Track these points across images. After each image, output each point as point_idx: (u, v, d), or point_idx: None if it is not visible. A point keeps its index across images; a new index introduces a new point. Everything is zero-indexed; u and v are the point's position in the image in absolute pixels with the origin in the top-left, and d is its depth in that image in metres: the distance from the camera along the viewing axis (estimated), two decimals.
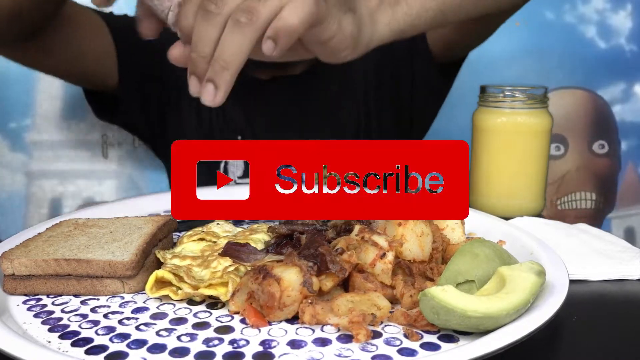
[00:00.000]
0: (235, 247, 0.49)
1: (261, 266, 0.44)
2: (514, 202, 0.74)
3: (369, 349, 0.39)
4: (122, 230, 0.54)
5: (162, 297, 0.47)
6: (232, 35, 0.45)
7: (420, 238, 0.47)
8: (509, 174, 0.73)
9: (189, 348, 0.39)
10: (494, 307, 0.38)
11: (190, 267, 0.49)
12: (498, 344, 0.36)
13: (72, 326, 0.43)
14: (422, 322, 0.41)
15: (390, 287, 0.45)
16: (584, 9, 1.20)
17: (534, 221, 0.67)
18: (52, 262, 0.47)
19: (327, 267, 0.44)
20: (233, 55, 0.45)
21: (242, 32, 0.45)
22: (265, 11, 0.45)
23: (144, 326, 0.43)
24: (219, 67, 0.45)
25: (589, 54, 1.21)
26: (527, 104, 0.72)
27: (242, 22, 0.44)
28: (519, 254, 0.51)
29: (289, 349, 0.39)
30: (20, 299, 0.48)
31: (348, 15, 0.52)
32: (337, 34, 0.52)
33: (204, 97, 0.46)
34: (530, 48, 1.19)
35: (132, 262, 0.47)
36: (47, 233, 0.54)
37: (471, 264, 0.44)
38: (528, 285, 0.41)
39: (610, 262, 0.55)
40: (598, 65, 1.21)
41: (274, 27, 0.45)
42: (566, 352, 0.43)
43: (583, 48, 1.21)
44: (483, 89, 0.75)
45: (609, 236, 0.63)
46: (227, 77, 0.45)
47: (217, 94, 0.46)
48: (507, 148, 0.73)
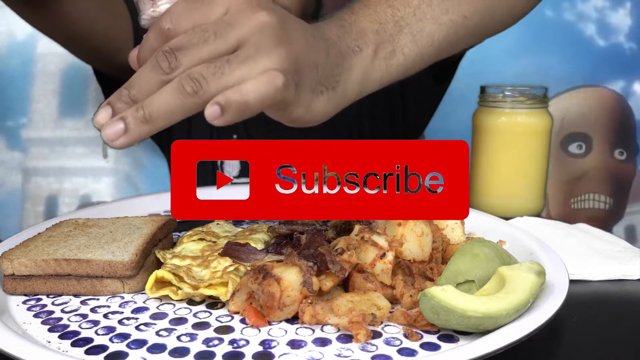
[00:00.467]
0: (235, 247, 0.50)
1: (261, 266, 0.44)
2: (514, 202, 0.74)
3: (369, 349, 0.39)
4: (122, 230, 0.54)
5: (162, 297, 0.47)
6: (169, 97, 0.40)
7: (420, 238, 0.47)
8: (509, 174, 0.73)
9: (189, 348, 0.39)
10: (494, 307, 0.38)
11: (190, 267, 0.49)
12: (498, 344, 0.36)
13: (72, 326, 0.43)
14: (422, 322, 0.41)
15: (390, 287, 0.45)
16: (583, 7, 1.20)
17: (534, 221, 0.67)
18: (52, 262, 0.47)
19: (327, 267, 0.44)
20: (160, 115, 0.40)
21: (181, 100, 0.40)
22: (215, 88, 0.40)
23: (144, 326, 0.43)
24: (140, 116, 0.40)
25: (589, 52, 1.21)
26: (527, 104, 0.72)
27: (185, 91, 0.40)
28: (519, 254, 0.51)
29: (289, 349, 0.39)
30: (20, 299, 0.48)
31: (323, 95, 0.48)
32: (303, 116, 0.47)
33: (106, 130, 0.40)
34: (530, 46, 1.19)
35: (132, 262, 0.47)
36: (47, 233, 0.54)
37: (471, 264, 0.44)
38: (528, 285, 0.41)
39: (610, 262, 0.55)
40: (597, 63, 1.21)
41: (227, 96, 0.40)
42: (566, 352, 0.43)
43: (582, 46, 1.21)
44: (483, 89, 0.75)
45: (609, 236, 0.63)
46: (144, 130, 0.40)
47: (123, 138, 0.40)
48: (507, 148, 0.73)
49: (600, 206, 1.23)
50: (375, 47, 0.51)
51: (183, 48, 0.41)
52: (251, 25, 0.42)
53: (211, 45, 0.41)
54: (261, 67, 0.41)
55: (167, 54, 0.41)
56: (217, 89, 0.40)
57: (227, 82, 0.40)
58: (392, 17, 0.53)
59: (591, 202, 1.23)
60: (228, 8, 0.43)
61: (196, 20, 0.43)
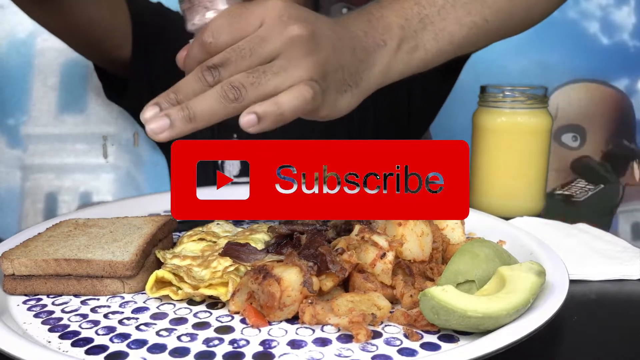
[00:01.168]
0: (235, 247, 0.50)
1: (261, 266, 0.44)
2: (514, 202, 0.74)
3: (369, 349, 0.39)
4: (122, 230, 0.54)
5: (162, 297, 0.47)
6: (213, 101, 0.45)
7: (420, 238, 0.47)
8: (509, 174, 0.73)
9: (189, 348, 0.39)
10: (494, 307, 0.38)
11: (190, 267, 0.49)
12: (498, 344, 0.36)
13: (72, 326, 0.43)
14: (422, 322, 0.41)
15: (390, 287, 0.45)
16: (586, 4, 1.20)
17: (534, 221, 0.67)
18: (52, 262, 0.47)
19: (327, 267, 0.44)
20: (204, 116, 0.45)
21: (223, 105, 0.45)
22: (253, 96, 0.45)
23: (144, 326, 0.43)
24: (185, 115, 0.45)
25: (592, 49, 1.21)
26: (527, 104, 0.72)
27: (228, 97, 0.45)
28: (519, 254, 0.51)
29: (289, 349, 0.39)
30: (20, 299, 0.48)
31: (347, 93, 0.52)
32: (329, 115, 0.52)
33: (152, 125, 0.45)
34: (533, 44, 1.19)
35: (132, 262, 0.47)
36: (47, 233, 0.54)
37: (471, 264, 0.44)
38: (528, 285, 0.41)
39: (610, 262, 0.55)
40: (601, 61, 1.21)
41: (264, 107, 0.45)
42: (566, 352, 0.43)
43: (586, 44, 1.21)
44: (483, 89, 0.75)
45: (609, 236, 0.63)
46: (187, 128, 0.45)
47: (168, 132, 0.45)
48: (507, 148, 0.73)
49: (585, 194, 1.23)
50: (399, 41, 0.54)
51: (224, 65, 0.46)
52: (283, 40, 0.47)
53: (247, 61, 0.47)
54: (293, 78, 0.47)
55: (211, 69, 0.46)
56: (255, 97, 0.45)
57: (263, 91, 0.46)
58: (418, 15, 0.56)
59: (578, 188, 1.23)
60: (263, 20, 0.48)
61: (234, 34, 0.47)
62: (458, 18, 0.57)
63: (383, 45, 0.54)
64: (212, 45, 0.47)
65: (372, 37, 0.53)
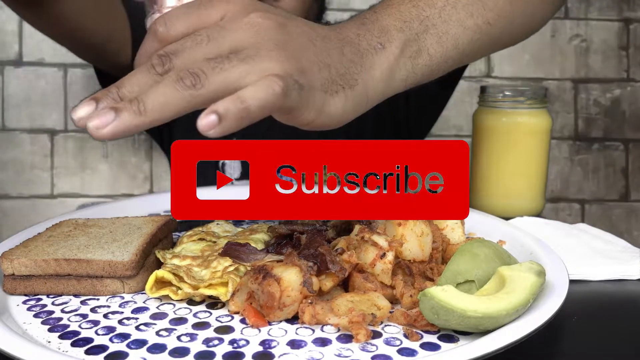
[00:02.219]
0: (235, 247, 0.50)
1: (261, 266, 0.44)
2: (514, 202, 0.74)
3: (369, 349, 0.39)
4: (122, 230, 0.54)
5: (162, 297, 0.47)
6: (166, 89, 0.38)
7: (420, 238, 0.47)
8: (509, 174, 0.73)
9: (189, 348, 0.39)
10: (493, 307, 0.38)
11: (190, 267, 0.49)
12: (498, 344, 0.36)
13: (72, 326, 0.43)
14: (422, 322, 0.41)
15: (390, 287, 0.45)
16: None
17: (534, 221, 0.68)
18: (52, 262, 0.47)
19: (327, 267, 0.44)
20: (155, 107, 0.38)
21: (179, 93, 0.38)
22: (216, 82, 0.39)
23: (144, 326, 0.43)
24: (135, 108, 0.38)
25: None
26: (527, 104, 0.72)
27: (184, 83, 0.38)
28: (519, 254, 0.51)
29: (289, 349, 0.39)
30: (20, 299, 0.48)
31: (339, 95, 0.46)
32: (315, 119, 0.45)
33: (94, 121, 0.37)
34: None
35: (132, 262, 0.47)
36: (47, 233, 0.54)
37: (471, 264, 0.44)
38: (528, 285, 0.41)
39: (610, 262, 0.55)
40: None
41: (226, 103, 0.38)
42: (566, 352, 0.43)
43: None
44: (483, 89, 0.75)
45: (609, 236, 0.63)
46: (136, 121, 0.38)
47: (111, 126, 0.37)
48: (507, 148, 0.73)
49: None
50: (401, 44, 0.50)
51: (176, 52, 0.40)
52: (245, 29, 0.41)
53: (204, 48, 0.40)
54: (260, 69, 0.40)
55: (161, 57, 0.40)
56: (216, 84, 0.39)
57: (225, 78, 0.39)
58: (417, 17, 0.52)
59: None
60: (225, 13, 0.43)
61: (190, 24, 0.42)
62: (460, 20, 0.54)
63: (380, 48, 0.49)
64: (164, 34, 0.42)
65: (366, 39, 0.49)
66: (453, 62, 0.55)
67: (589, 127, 1.42)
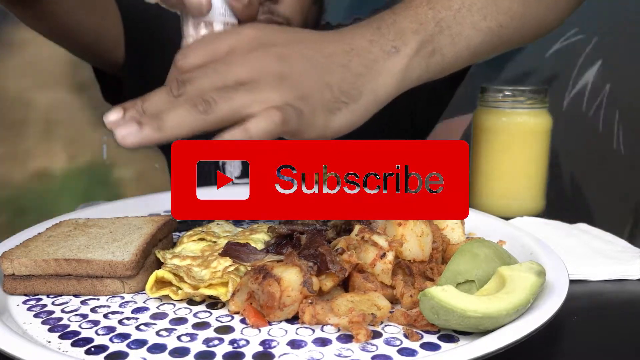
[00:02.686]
0: (235, 247, 0.50)
1: (261, 266, 0.44)
2: (514, 202, 0.74)
3: (369, 349, 0.39)
4: (122, 230, 0.54)
5: (162, 297, 0.47)
6: (182, 112, 0.45)
7: (420, 238, 0.47)
8: (509, 174, 0.73)
9: (189, 348, 0.39)
10: (493, 307, 0.38)
11: (190, 267, 0.49)
12: (498, 344, 0.36)
13: (72, 326, 0.43)
14: (422, 322, 0.41)
15: (390, 287, 0.45)
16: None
17: (534, 221, 0.67)
18: (52, 262, 0.47)
19: (327, 267, 0.44)
20: (172, 127, 0.45)
21: (192, 116, 0.45)
22: (224, 109, 0.45)
23: (144, 326, 0.43)
24: (155, 125, 0.44)
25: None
26: (527, 104, 0.72)
27: (197, 108, 0.45)
28: (519, 254, 0.51)
29: (289, 349, 0.39)
30: (20, 299, 0.48)
31: (342, 112, 0.51)
32: (323, 136, 0.50)
33: (122, 130, 0.44)
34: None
35: (132, 262, 0.47)
36: (47, 233, 0.54)
37: (471, 264, 0.44)
38: (528, 285, 0.41)
39: (610, 262, 0.55)
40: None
41: (232, 133, 0.45)
42: (566, 352, 0.43)
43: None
44: (483, 89, 0.75)
45: (609, 236, 0.63)
46: (154, 137, 0.44)
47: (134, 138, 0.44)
48: (507, 148, 0.73)
49: None
50: (416, 46, 0.53)
51: (189, 80, 0.47)
52: (248, 65, 0.47)
53: (210, 79, 0.47)
54: (262, 99, 0.46)
55: (178, 82, 0.47)
56: (224, 111, 0.45)
57: (231, 106, 0.45)
58: (433, 18, 0.54)
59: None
60: (233, 48, 0.49)
61: (202, 57, 0.49)
62: (474, 23, 0.56)
63: (394, 51, 0.52)
64: (182, 65, 0.49)
65: (380, 44, 0.52)
66: (464, 61, 0.57)
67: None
